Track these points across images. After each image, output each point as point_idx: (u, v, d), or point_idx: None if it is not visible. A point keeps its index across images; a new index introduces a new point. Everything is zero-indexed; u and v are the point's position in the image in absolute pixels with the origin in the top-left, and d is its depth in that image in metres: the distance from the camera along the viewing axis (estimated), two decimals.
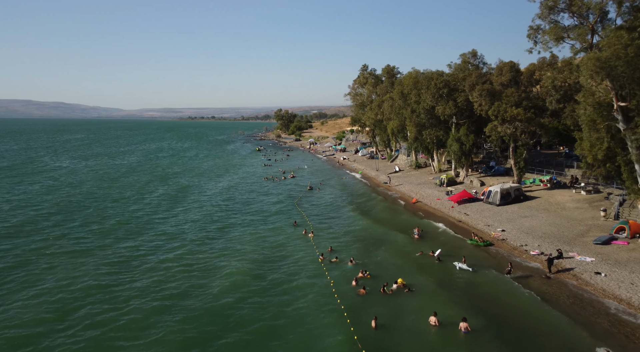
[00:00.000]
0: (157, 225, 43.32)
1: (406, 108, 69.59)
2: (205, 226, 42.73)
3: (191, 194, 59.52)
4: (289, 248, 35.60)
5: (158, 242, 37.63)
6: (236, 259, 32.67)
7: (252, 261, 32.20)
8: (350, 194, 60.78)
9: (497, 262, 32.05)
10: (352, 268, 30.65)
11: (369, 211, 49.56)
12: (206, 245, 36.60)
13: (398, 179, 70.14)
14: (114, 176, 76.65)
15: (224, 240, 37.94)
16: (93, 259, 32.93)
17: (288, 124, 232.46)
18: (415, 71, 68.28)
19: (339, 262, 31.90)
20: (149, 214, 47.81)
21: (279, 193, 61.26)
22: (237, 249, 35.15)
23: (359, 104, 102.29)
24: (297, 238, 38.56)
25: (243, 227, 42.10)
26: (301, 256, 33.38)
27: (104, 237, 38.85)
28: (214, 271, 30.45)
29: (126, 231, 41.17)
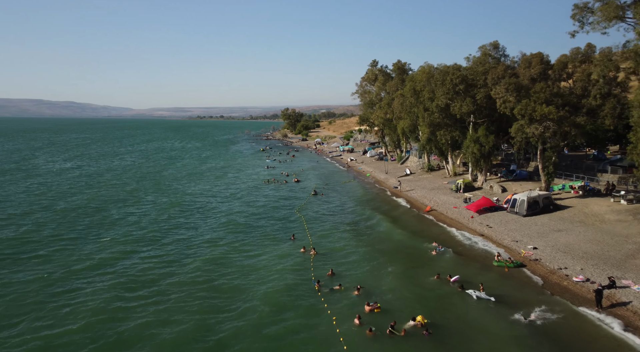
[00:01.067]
0: (125, 245, 38.12)
1: (418, 106, 64.09)
2: (186, 240, 37.68)
3: (180, 202, 54.58)
4: (282, 271, 30.39)
5: (114, 267, 32.61)
6: (211, 291, 27.05)
7: (231, 291, 26.95)
8: (358, 200, 55.48)
9: (531, 289, 26.61)
10: (359, 299, 25.41)
11: (378, 221, 44.22)
12: (177, 268, 31.30)
13: (409, 183, 64.66)
14: (100, 179, 72.08)
15: (202, 261, 31.83)
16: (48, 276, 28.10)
17: (295, 123, 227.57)
18: (428, 66, 62.75)
19: (343, 291, 26.65)
20: (123, 230, 42.79)
21: (280, 199, 56.16)
22: (217, 273, 29.82)
23: (368, 103, 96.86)
24: (295, 256, 33.37)
25: (231, 243, 36.82)
26: (297, 283, 28.10)
27: (56, 253, 34.02)
28: (175, 313, 24.04)
29: (84, 252, 36.29)
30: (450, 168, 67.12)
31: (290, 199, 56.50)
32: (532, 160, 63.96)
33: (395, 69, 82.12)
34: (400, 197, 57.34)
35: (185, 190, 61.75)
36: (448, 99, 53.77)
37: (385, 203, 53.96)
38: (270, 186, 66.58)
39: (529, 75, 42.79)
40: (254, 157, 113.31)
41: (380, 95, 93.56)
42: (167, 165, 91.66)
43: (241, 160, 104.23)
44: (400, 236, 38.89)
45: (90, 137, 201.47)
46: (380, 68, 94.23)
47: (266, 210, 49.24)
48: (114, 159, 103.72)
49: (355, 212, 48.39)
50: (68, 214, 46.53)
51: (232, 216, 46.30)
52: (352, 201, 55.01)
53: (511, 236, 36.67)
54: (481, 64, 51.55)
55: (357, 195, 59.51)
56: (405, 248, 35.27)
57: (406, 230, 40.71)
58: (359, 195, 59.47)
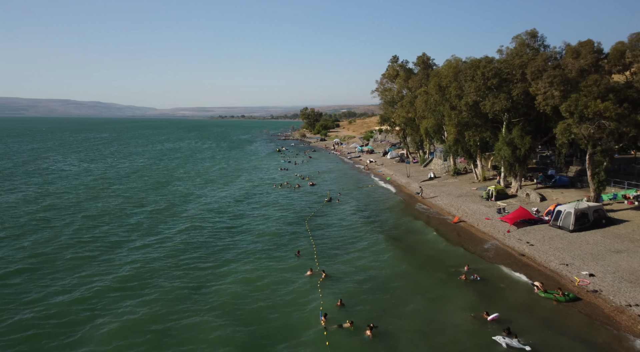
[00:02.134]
0: (113, 258, 33.74)
1: (444, 104, 58.12)
2: (173, 257, 32.98)
3: (183, 207, 50.19)
4: (283, 298, 25.32)
5: (99, 290, 28.12)
6: (198, 331, 22.56)
7: (220, 327, 22.10)
8: (376, 209, 49.99)
9: (593, 335, 20.81)
10: (372, 343, 20.14)
11: (398, 235, 38.70)
12: (153, 295, 26.70)
13: (433, 189, 58.75)
14: (108, 181, 68.56)
15: (192, 287, 27.11)
16: None
17: (314, 123, 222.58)
18: (455, 60, 56.72)
19: (352, 330, 21.40)
20: (114, 239, 38.53)
21: (290, 205, 51.16)
22: (206, 304, 24.96)
23: (388, 101, 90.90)
24: (298, 278, 28.28)
25: (226, 262, 31.78)
26: (299, 318, 22.98)
27: (47, 267, 29.75)
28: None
29: (67, 268, 31.95)
30: (479, 172, 60.90)
31: (302, 206, 51.43)
32: (573, 164, 57.22)
33: (420, 63, 75.80)
34: (424, 205, 51.58)
35: (189, 195, 57.39)
36: (478, 96, 47.74)
37: (406, 212, 48.34)
38: (282, 190, 61.66)
39: (577, 67, 36.50)
40: (269, 158, 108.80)
41: (402, 93, 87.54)
42: (177, 167, 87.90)
43: (255, 162, 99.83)
44: (423, 254, 33.34)
45: (108, 137, 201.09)
46: (402, 64, 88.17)
47: (272, 219, 44.27)
48: (124, 160, 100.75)
49: (372, 223, 42.95)
50: (51, 221, 42.61)
51: (232, 227, 41.47)
52: (369, 210, 49.56)
53: (558, 257, 30.68)
54: (517, 56, 45.30)
55: (375, 202, 53.98)
56: (430, 271, 29.74)
57: (431, 247, 35.12)
58: (378, 202, 53.92)
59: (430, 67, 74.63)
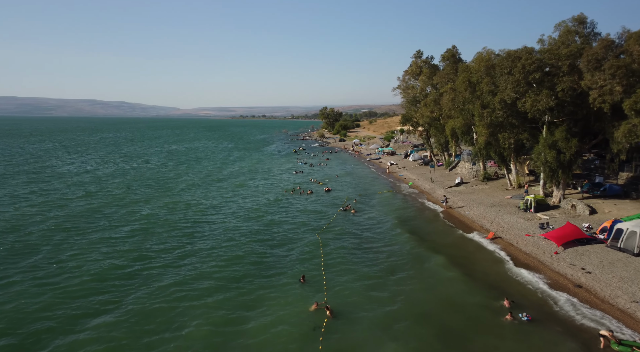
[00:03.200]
0: (82, 277, 29.17)
1: (474, 102, 51.98)
2: (149, 282, 28.15)
3: (182, 218, 45.55)
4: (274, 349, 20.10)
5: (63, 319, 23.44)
6: None
7: None
8: (396, 220, 44.26)
9: None
10: None
11: (420, 255, 33.01)
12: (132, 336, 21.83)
13: (461, 197, 52.68)
14: (105, 184, 64.68)
15: (155, 330, 22.53)
16: None
17: (333, 122, 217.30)
18: (487, 52, 50.48)
19: None
20: (91, 257, 34.07)
21: (300, 215, 45.99)
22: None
23: (411, 100, 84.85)
24: (299, 315, 23.02)
25: (210, 291, 26.69)
26: None
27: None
28: None
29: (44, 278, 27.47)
30: (512, 178, 54.49)
31: (314, 215, 46.18)
32: (624, 170, 50.26)
33: (448, 56, 69.12)
34: (452, 216, 45.63)
35: (192, 201, 52.79)
36: (517, 93, 41.55)
37: (430, 225, 42.53)
38: (293, 197, 56.51)
39: None
40: (285, 160, 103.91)
41: (426, 91, 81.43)
42: (187, 169, 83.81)
43: (269, 164, 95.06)
44: (452, 283, 27.60)
45: (125, 137, 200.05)
46: (426, 59, 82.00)
47: (278, 233, 39.08)
48: (135, 161, 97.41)
49: (390, 239, 37.33)
50: (48, 225, 38.49)
51: (229, 243, 36.34)
52: (388, 221, 43.93)
53: (627, 291, 24.57)
54: (564, 45, 38.91)
55: (395, 212, 48.25)
56: (462, 307, 24.08)
57: (462, 273, 29.31)
58: (398, 212, 48.16)
59: (459, 61, 68.20)
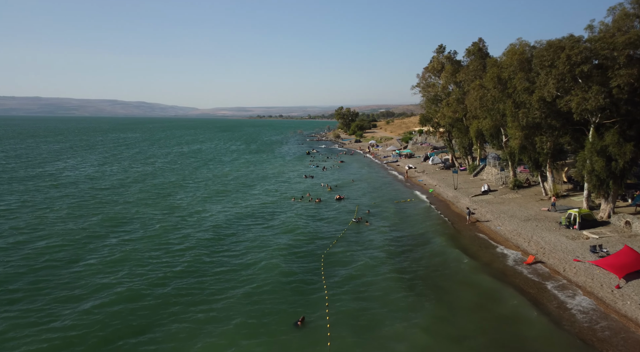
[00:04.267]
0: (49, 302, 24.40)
1: (505, 101, 45.89)
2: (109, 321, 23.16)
3: (170, 228, 40.71)
4: None
5: None
6: None
7: None
8: (416, 235, 38.60)
9: None
10: None
11: (445, 287, 27.31)
12: None
13: (490, 207, 46.64)
14: (100, 190, 60.47)
15: None
16: None
17: (349, 123, 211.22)
18: (521, 44, 44.36)
19: None
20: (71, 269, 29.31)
21: (306, 228, 40.65)
22: None
23: (432, 98, 78.67)
24: None
25: (185, 336, 21.74)
26: None
27: None
28: None
29: None
30: (548, 187, 48.14)
31: (322, 229, 40.82)
32: None
33: (474, 51, 62.59)
34: (480, 231, 39.67)
35: (189, 211, 47.90)
36: (560, 89, 35.42)
37: (456, 242, 36.65)
38: (301, 205, 51.23)
39: None
40: (297, 163, 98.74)
41: (448, 89, 75.21)
42: (192, 173, 79.25)
43: (280, 167, 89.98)
44: (488, 332, 21.84)
45: (138, 137, 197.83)
46: (449, 55, 75.74)
47: (277, 252, 33.71)
48: (139, 163, 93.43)
49: (409, 265, 31.68)
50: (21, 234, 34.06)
51: (218, 266, 31.15)
52: (407, 236, 38.27)
53: None
54: (620, 32, 32.66)
55: (413, 226, 42.49)
56: None
57: (501, 317, 23.49)
58: (417, 226, 42.35)
59: (486, 56, 61.76)
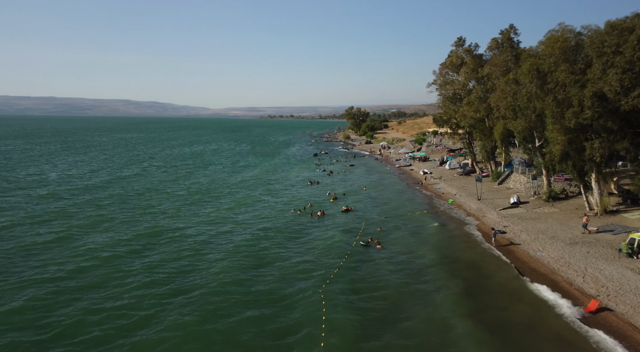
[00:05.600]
0: None
1: (544, 98, 38.28)
2: None
3: (130, 253, 34.01)
4: None
5: None
6: None
7: None
8: (437, 263, 31.29)
9: None
10: None
11: (474, 339, 20.09)
12: None
13: (523, 225, 39.13)
14: (78, 194, 54.13)
15: None
16: None
17: (360, 123, 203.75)
18: (565, 30, 36.80)
19: None
20: None
21: (304, 251, 33.62)
22: None
23: (450, 97, 71.10)
24: None
25: None
26: None
27: None
28: None
29: None
30: (594, 200, 40.37)
31: (323, 251, 33.71)
32: None
33: (505, 39, 54.36)
34: (515, 258, 32.15)
35: (173, 225, 41.19)
36: (626, 82, 27.85)
37: (487, 274, 29.29)
38: (302, 219, 44.22)
39: None
40: (303, 166, 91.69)
41: (468, 86, 67.64)
42: (186, 178, 72.56)
43: (283, 172, 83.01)
44: None
45: (142, 138, 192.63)
46: (469, 48, 68.10)
47: (264, 285, 26.76)
48: (134, 166, 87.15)
49: (430, 307, 24.44)
50: None
51: (197, 306, 24.36)
52: (426, 265, 30.91)
53: None
54: None
55: (435, 248, 35.11)
56: None
57: None
58: (437, 248, 34.92)
59: (517, 47, 53.74)
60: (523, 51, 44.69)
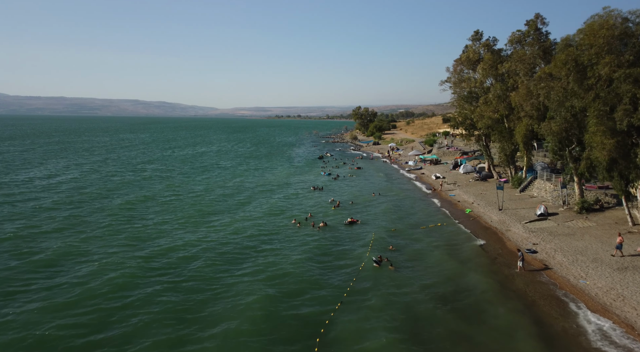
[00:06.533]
0: None
1: (583, 96, 32.82)
2: None
3: (100, 275, 29.17)
4: None
5: None
6: None
7: None
8: (461, 289, 26.04)
9: None
10: None
11: None
12: None
13: (557, 242, 33.76)
14: (58, 210, 49.57)
15: None
16: None
17: (367, 123, 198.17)
18: (609, 14, 31.38)
19: None
20: None
21: (301, 273, 28.53)
22: None
23: (465, 96, 65.61)
24: None
25: None
26: None
27: None
28: None
29: None
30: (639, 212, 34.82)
31: (323, 275, 28.62)
32: None
33: (532, 31, 47.99)
34: (555, 285, 26.79)
35: (147, 241, 36.38)
36: None
37: (522, 307, 24.00)
38: (302, 231, 39.15)
39: None
40: (307, 169, 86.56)
41: (486, 84, 62.18)
42: (179, 185, 67.82)
43: (286, 176, 77.91)
44: None
45: (145, 138, 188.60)
46: (487, 42, 62.55)
47: (249, 327, 21.74)
48: (131, 170, 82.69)
49: None
50: None
51: None
52: (447, 296, 25.69)
53: None
54: None
55: (456, 270, 29.89)
56: None
57: None
58: (462, 271, 29.73)
59: (547, 38, 47.87)
60: (561, 41, 38.69)
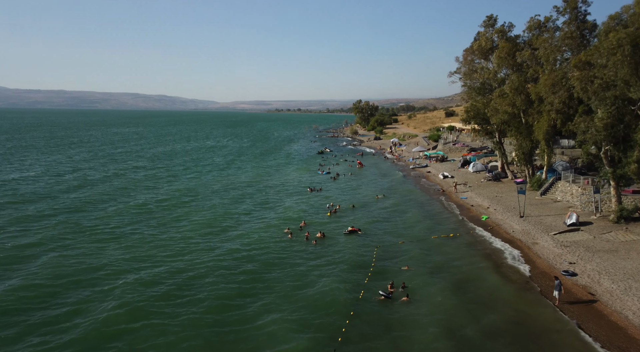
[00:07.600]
0: None
1: (635, 86, 26.90)
2: None
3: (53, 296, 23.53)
4: None
5: None
6: None
7: None
8: (492, 332, 20.40)
9: None
10: None
11: None
12: None
13: (600, 262, 28.07)
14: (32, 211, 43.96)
15: None
16: None
17: (368, 117, 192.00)
18: None
19: None
20: None
21: (285, 306, 22.86)
22: None
23: (477, 88, 59.62)
24: None
25: None
26: None
27: None
28: None
29: None
30: None
31: (315, 310, 22.94)
32: None
33: (571, 8, 40.81)
34: (611, 326, 21.09)
35: (117, 254, 30.72)
36: None
37: None
38: (294, 244, 33.50)
39: None
40: (304, 167, 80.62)
41: (501, 74, 56.25)
42: (165, 184, 62.03)
43: (282, 173, 72.20)
44: None
45: (139, 132, 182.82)
46: (501, 28, 56.47)
47: None
48: (120, 168, 76.91)
49: None
50: None
51: None
52: (458, 335, 20.03)
53: None
54: None
55: (476, 303, 24.20)
56: None
57: None
58: (482, 304, 24.02)
59: (585, 19, 41.34)
60: (609, 18, 32.36)
